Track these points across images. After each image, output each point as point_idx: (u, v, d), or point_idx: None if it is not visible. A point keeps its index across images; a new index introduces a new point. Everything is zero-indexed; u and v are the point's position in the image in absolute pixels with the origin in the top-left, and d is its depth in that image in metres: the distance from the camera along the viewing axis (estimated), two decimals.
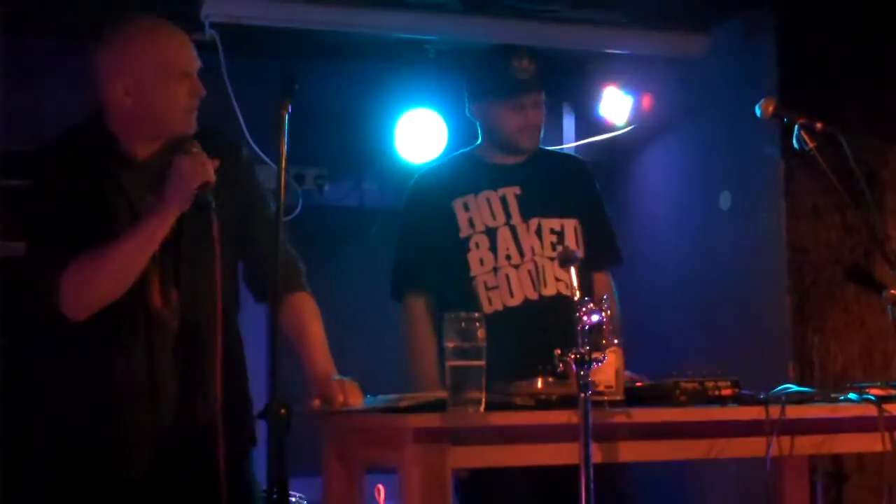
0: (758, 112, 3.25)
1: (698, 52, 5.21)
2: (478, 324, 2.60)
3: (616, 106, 5.59)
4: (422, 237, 3.55)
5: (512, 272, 3.46)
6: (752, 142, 4.81)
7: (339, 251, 5.86)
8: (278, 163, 2.62)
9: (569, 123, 5.91)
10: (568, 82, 5.82)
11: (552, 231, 3.51)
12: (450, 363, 2.59)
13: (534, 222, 3.50)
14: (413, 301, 3.55)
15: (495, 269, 3.47)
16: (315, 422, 3.03)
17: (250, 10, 4.66)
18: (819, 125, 3.14)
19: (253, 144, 4.70)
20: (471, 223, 3.50)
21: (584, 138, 5.66)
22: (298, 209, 5.43)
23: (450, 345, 2.60)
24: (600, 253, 3.60)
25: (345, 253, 5.87)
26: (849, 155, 3.11)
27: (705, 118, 5.26)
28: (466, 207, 3.51)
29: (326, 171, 5.77)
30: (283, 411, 2.48)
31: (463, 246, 3.48)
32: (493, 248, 3.47)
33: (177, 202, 2.70)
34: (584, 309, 2.50)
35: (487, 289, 3.46)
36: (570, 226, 3.53)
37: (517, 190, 3.53)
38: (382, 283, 5.98)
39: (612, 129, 5.46)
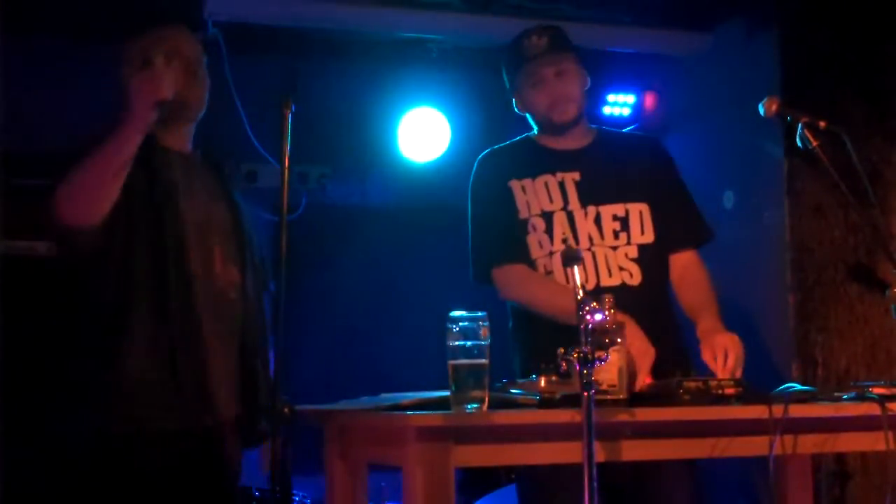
0: (761, 111, 3.24)
1: (701, 51, 5.22)
2: (480, 322, 2.60)
3: (619, 104, 5.59)
4: (493, 214, 3.44)
5: None
6: (756, 141, 4.81)
7: (342, 250, 5.86)
8: (281, 162, 2.62)
9: None
10: None
11: (615, 217, 3.39)
12: (453, 362, 2.59)
13: (592, 210, 3.39)
14: (508, 267, 3.40)
15: (551, 254, 3.36)
16: (318, 420, 3.04)
17: (253, 9, 4.67)
18: (822, 124, 3.13)
19: (256, 143, 4.70)
20: (528, 206, 3.41)
21: None
22: (301, 208, 5.44)
23: (453, 343, 2.60)
24: (680, 232, 3.47)
25: (348, 252, 5.87)
26: (852, 153, 3.10)
27: (708, 117, 5.26)
28: (524, 190, 3.42)
29: (329, 170, 5.77)
30: (286, 410, 2.49)
31: (523, 227, 3.40)
32: (549, 232, 3.37)
33: (141, 115, 2.89)
34: (587, 308, 2.49)
35: (546, 272, 3.36)
36: (636, 210, 3.40)
37: (576, 176, 3.42)
38: (385, 282, 6.02)
39: (615, 127, 5.46)
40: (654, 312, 3.30)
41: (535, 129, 3.56)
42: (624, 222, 3.39)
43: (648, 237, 3.40)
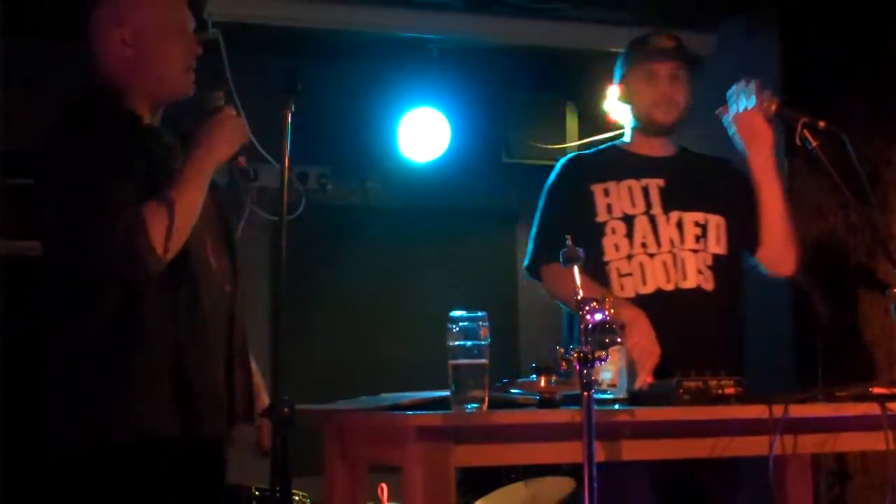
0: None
1: (702, 51, 5.19)
2: (480, 323, 2.60)
3: (620, 105, 5.58)
4: (561, 216, 3.47)
5: (647, 260, 3.39)
6: None
7: (342, 250, 5.86)
8: (281, 162, 2.62)
9: (573, 122, 5.91)
10: (572, 81, 5.83)
11: (696, 224, 3.45)
12: (453, 362, 2.59)
13: (674, 215, 3.44)
14: (556, 265, 3.43)
15: (629, 257, 3.39)
16: (318, 420, 3.04)
17: (253, 9, 4.67)
18: (822, 124, 3.14)
19: (256, 143, 4.69)
20: (609, 209, 3.44)
21: (587, 137, 5.66)
22: (301, 208, 5.43)
23: (453, 343, 2.60)
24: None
25: (348, 252, 5.87)
26: (852, 154, 3.10)
27: (709, 117, 5.25)
28: (606, 193, 3.46)
29: (329, 170, 5.78)
30: (286, 410, 2.49)
31: (599, 230, 3.42)
32: (630, 235, 3.41)
33: (226, 152, 2.77)
34: (587, 307, 2.49)
35: (620, 275, 3.38)
36: (714, 222, 3.47)
37: (661, 182, 3.48)
38: (385, 283, 6.02)
39: (616, 127, 5.45)
40: (723, 321, 3.39)
41: (626, 136, 3.61)
42: (704, 230, 3.45)
43: (723, 248, 3.46)
